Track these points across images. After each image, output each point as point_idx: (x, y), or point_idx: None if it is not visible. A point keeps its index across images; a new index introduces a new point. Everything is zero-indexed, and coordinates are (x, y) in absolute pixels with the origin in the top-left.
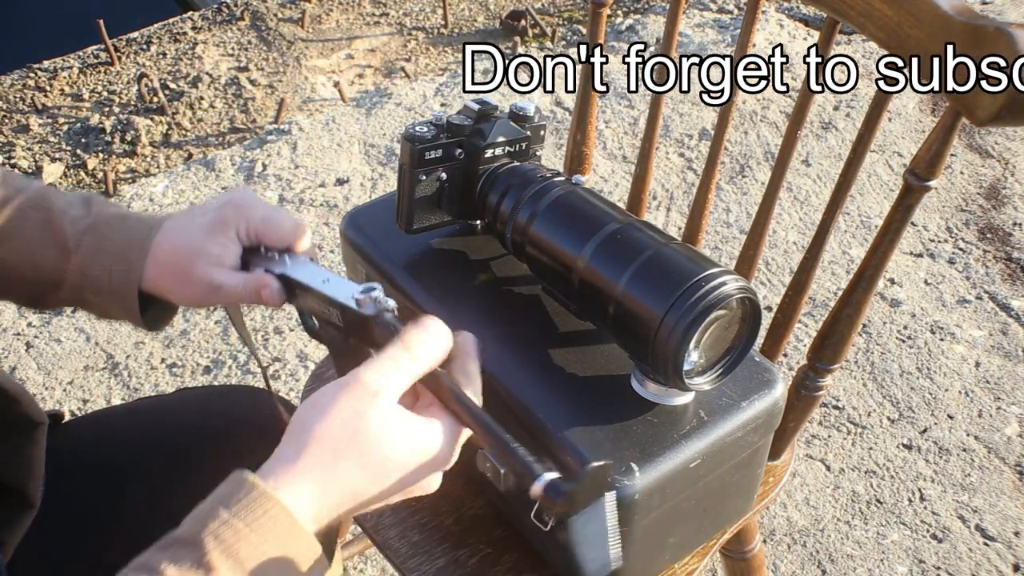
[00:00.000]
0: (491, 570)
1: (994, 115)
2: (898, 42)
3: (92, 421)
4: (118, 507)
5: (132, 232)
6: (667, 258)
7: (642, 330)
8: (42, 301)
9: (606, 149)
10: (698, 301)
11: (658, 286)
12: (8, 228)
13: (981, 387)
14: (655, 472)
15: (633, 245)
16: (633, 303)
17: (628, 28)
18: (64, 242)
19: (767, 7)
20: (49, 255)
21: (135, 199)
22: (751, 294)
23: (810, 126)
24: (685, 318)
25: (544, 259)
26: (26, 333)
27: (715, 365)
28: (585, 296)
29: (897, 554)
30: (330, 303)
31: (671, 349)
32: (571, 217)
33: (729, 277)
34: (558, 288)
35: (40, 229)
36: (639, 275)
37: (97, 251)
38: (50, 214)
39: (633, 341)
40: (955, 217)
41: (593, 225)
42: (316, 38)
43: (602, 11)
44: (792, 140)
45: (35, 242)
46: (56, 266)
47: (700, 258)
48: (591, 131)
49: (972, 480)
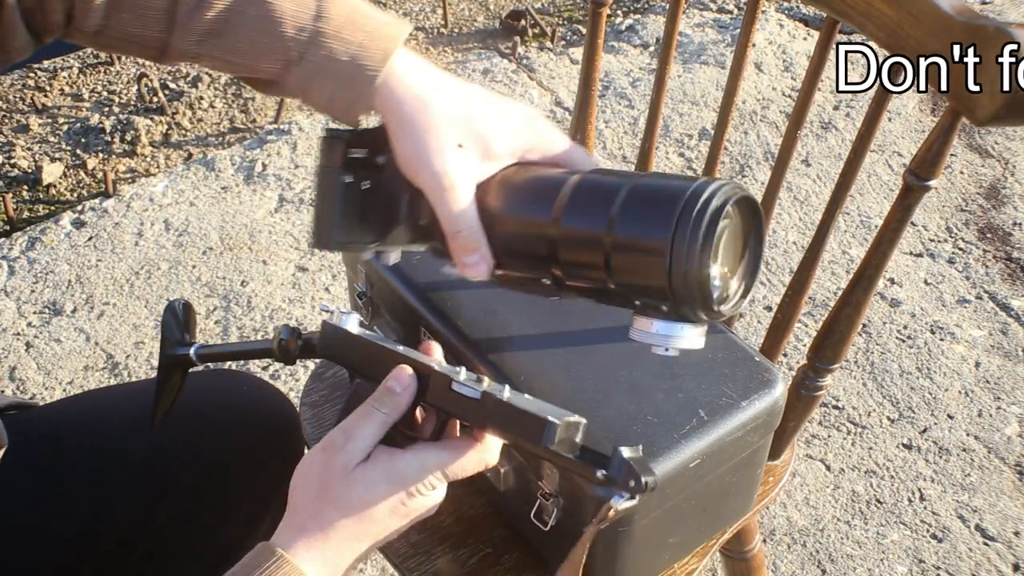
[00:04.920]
0: (491, 570)
1: (994, 115)
2: (898, 42)
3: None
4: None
5: (365, 55)
6: (648, 187)
7: (652, 268)
8: (266, 89)
9: (606, 149)
10: (704, 208)
11: (653, 214)
12: (219, 24)
13: (981, 387)
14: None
15: (605, 188)
16: (631, 244)
17: (628, 28)
18: (285, 51)
19: (767, 7)
20: (266, 61)
21: (135, 199)
22: (748, 192)
23: (810, 126)
24: (697, 230)
25: (514, 245)
26: (26, 333)
27: (737, 280)
28: (571, 263)
29: (897, 554)
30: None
31: (694, 270)
32: (526, 187)
33: (720, 182)
34: (537, 271)
35: (256, 31)
36: (626, 214)
37: (320, 71)
38: (268, 10)
39: (642, 287)
40: (955, 217)
41: (553, 184)
42: None
43: (602, 11)
44: (792, 140)
45: (249, 43)
46: (274, 72)
47: (680, 176)
48: (591, 131)
49: (972, 480)
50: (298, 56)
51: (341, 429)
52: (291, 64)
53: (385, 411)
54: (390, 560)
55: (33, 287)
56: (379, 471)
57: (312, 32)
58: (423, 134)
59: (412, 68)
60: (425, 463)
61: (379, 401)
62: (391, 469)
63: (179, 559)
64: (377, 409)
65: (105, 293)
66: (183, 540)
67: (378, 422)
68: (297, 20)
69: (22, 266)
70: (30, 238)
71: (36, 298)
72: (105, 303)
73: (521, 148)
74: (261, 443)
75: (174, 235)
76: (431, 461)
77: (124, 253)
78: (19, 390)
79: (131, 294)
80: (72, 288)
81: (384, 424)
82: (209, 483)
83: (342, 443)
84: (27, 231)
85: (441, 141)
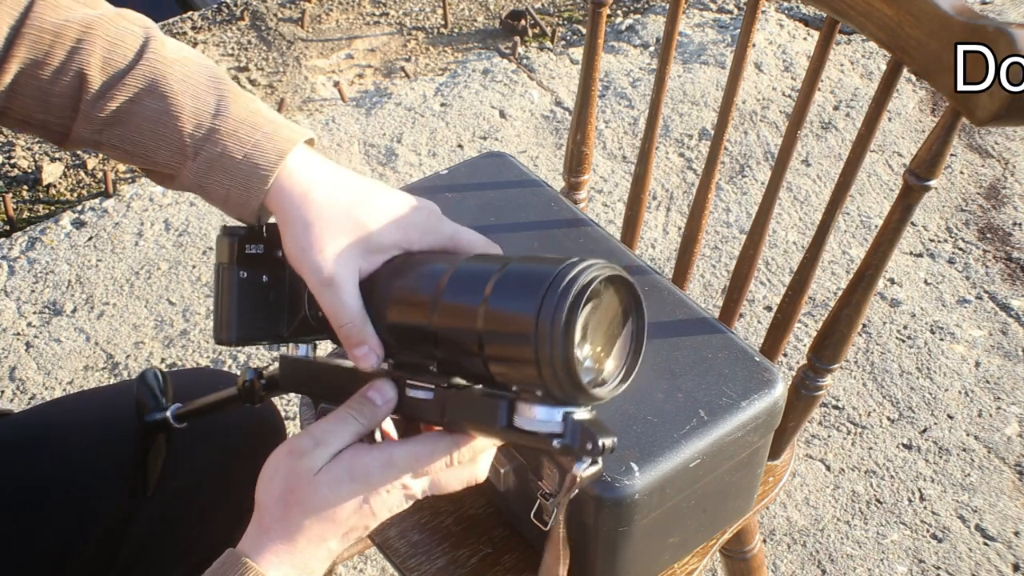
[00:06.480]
0: (491, 570)
1: (994, 115)
2: (898, 42)
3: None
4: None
5: (259, 155)
6: (520, 269)
7: (520, 349)
8: (165, 182)
9: (606, 149)
10: (568, 287)
11: (521, 294)
12: (119, 114)
13: (981, 387)
14: (655, 472)
15: (480, 271)
16: (500, 323)
17: (628, 28)
18: (181, 145)
19: (767, 7)
20: (163, 154)
21: (135, 199)
22: (620, 271)
23: (810, 126)
24: (560, 310)
25: (400, 334)
26: (26, 333)
27: (614, 360)
28: (448, 345)
29: (897, 554)
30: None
31: (557, 350)
32: (410, 275)
33: (590, 261)
34: (425, 359)
35: (154, 123)
36: (496, 294)
37: (215, 167)
38: (168, 105)
39: (514, 370)
40: (955, 217)
41: (434, 271)
42: (316, 38)
43: (602, 11)
44: (792, 140)
45: (148, 135)
46: (171, 166)
47: (557, 259)
48: (591, 131)
49: (972, 480)
50: (193, 151)
51: (310, 435)
52: (187, 159)
53: (362, 421)
54: (390, 560)
55: (33, 287)
56: (343, 469)
57: (209, 129)
58: (305, 229)
59: (306, 166)
60: (392, 459)
61: (356, 410)
62: (354, 467)
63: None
64: (354, 418)
65: (105, 293)
66: (163, 546)
67: (350, 432)
68: (195, 116)
69: (22, 266)
70: (30, 238)
71: (36, 298)
72: (105, 303)
73: (406, 238)
74: (243, 447)
75: (174, 235)
76: (399, 458)
77: (124, 253)
78: (19, 390)
79: (131, 294)
80: (72, 288)
81: (356, 435)
82: (189, 488)
83: (310, 449)
84: (27, 231)
85: (323, 237)
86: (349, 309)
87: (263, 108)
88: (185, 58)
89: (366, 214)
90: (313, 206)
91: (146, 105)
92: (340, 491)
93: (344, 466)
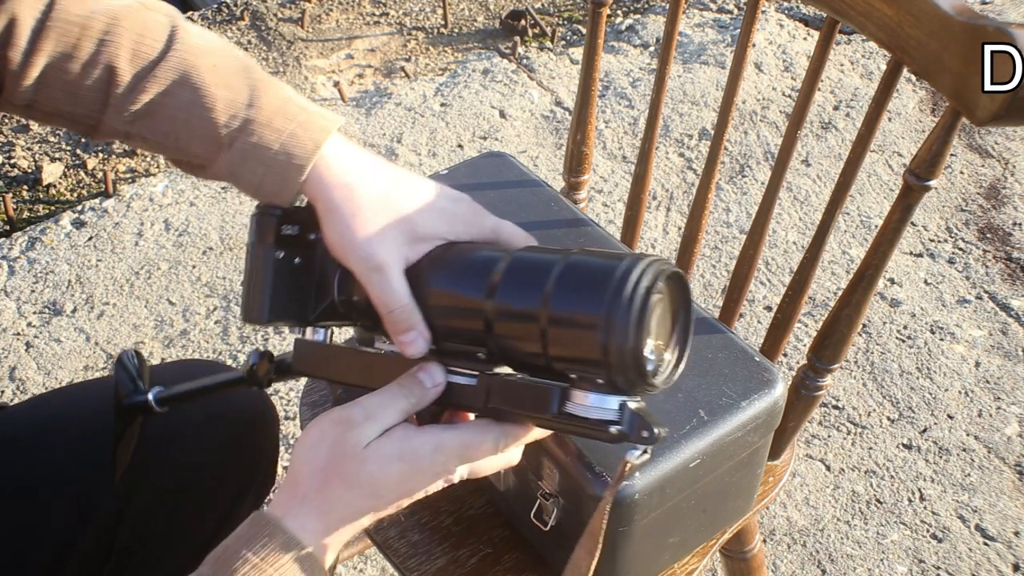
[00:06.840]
0: (491, 570)
1: (994, 115)
2: (898, 42)
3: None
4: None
5: (295, 145)
6: (581, 263)
7: (588, 342)
8: (196, 172)
9: (606, 149)
10: (636, 287)
11: (586, 292)
12: (151, 106)
13: (981, 387)
14: (655, 472)
15: (538, 265)
16: (566, 319)
17: (628, 28)
18: (215, 136)
19: (767, 7)
20: (196, 145)
21: (135, 199)
22: (675, 268)
23: (810, 126)
24: (630, 310)
25: (449, 321)
26: (26, 333)
27: (670, 351)
28: (506, 337)
29: (897, 554)
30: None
31: (629, 346)
32: (459, 265)
33: (650, 259)
34: (473, 345)
35: (187, 114)
36: (559, 290)
37: (249, 157)
38: (200, 96)
39: (579, 359)
40: (955, 217)
41: (486, 261)
42: (316, 38)
43: (602, 11)
44: (792, 140)
45: (181, 127)
46: (204, 157)
47: (613, 253)
48: (591, 131)
49: (972, 480)
50: (228, 142)
51: (362, 406)
52: (221, 149)
53: (412, 400)
54: (390, 560)
55: (33, 287)
56: (393, 447)
57: (244, 120)
58: (350, 219)
59: (341, 155)
60: (442, 444)
61: (407, 389)
62: (404, 447)
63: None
64: (404, 397)
65: (105, 293)
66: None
67: (400, 410)
68: (229, 107)
69: (22, 266)
70: (30, 238)
71: (36, 298)
72: (105, 303)
73: (451, 230)
74: (237, 438)
75: (174, 235)
76: (449, 443)
77: (124, 253)
78: (19, 390)
79: (131, 294)
80: (72, 288)
81: (405, 413)
82: (183, 479)
83: (360, 420)
84: (27, 231)
85: (368, 225)
86: (399, 295)
87: (294, 95)
88: (213, 46)
89: (409, 204)
90: (355, 195)
91: (178, 96)
92: (388, 469)
93: (395, 444)
